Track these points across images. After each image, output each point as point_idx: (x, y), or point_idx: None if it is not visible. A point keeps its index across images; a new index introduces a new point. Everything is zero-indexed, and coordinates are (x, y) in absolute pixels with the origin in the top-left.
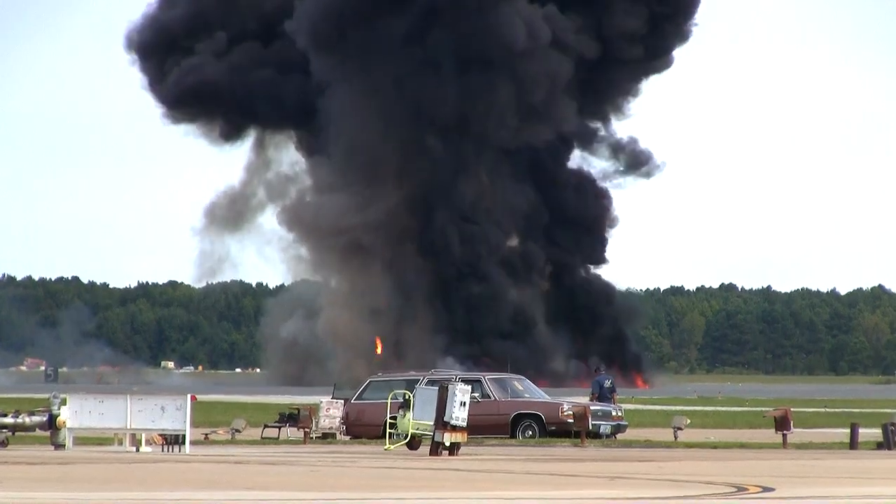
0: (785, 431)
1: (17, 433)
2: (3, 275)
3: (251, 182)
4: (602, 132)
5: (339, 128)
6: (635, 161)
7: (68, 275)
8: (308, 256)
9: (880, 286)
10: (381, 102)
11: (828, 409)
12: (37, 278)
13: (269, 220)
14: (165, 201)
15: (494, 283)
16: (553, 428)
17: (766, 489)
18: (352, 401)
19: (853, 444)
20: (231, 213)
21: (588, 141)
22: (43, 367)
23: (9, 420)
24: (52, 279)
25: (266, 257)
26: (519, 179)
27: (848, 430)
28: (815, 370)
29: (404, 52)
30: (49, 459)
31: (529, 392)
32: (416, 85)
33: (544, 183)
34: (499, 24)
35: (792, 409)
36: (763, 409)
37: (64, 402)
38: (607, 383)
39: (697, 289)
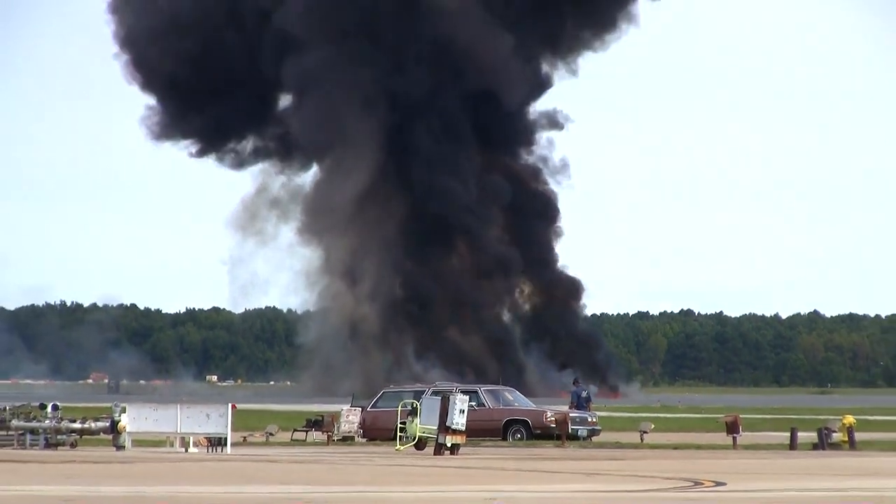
0: (735, 435)
1: (83, 437)
2: (73, 302)
3: (259, 199)
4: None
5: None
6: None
7: (127, 302)
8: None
9: (816, 311)
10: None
11: (772, 416)
12: (101, 305)
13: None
14: (210, 235)
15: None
16: (538, 432)
17: (718, 483)
18: (368, 409)
19: (793, 445)
20: (251, 225)
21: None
22: (106, 381)
23: (77, 425)
24: (114, 305)
25: (292, 285)
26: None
27: (788, 434)
28: (761, 383)
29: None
30: (111, 459)
31: (518, 401)
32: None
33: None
34: None
35: (741, 416)
36: (716, 415)
37: (124, 410)
38: (584, 394)
39: (661, 313)
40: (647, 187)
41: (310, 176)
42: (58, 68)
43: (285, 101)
